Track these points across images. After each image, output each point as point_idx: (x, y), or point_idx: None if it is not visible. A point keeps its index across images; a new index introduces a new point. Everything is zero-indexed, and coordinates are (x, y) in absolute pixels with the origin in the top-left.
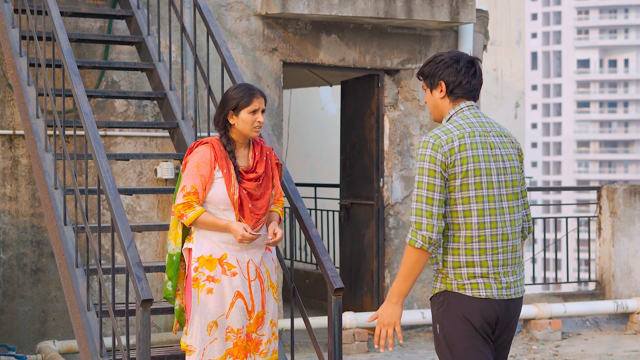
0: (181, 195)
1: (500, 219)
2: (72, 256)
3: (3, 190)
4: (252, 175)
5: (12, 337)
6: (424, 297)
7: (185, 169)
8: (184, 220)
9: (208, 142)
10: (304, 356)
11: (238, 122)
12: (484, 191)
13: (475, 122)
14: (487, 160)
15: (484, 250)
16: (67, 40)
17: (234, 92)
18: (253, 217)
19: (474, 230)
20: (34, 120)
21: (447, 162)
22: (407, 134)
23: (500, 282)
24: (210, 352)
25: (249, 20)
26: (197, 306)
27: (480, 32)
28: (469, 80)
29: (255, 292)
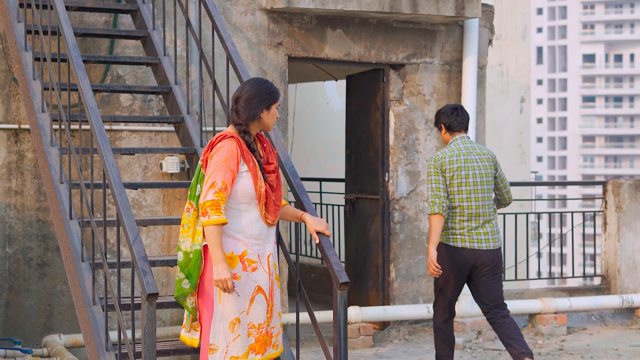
0: (212, 192)
1: (474, 204)
2: (78, 250)
3: (9, 185)
4: (270, 168)
5: (18, 331)
6: (429, 291)
7: (212, 163)
8: (205, 219)
9: (233, 136)
10: (309, 350)
11: (268, 117)
12: (463, 187)
13: (462, 147)
14: (467, 169)
15: (462, 221)
16: (72, 35)
17: (265, 87)
18: (275, 210)
19: (464, 210)
20: (40, 114)
21: (442, 170)
22: (412, 129)
23: (472, 239)
24: (233, 349)
25: (254, 14)
26: (219, 304)
27: (486, 27)
28: (455, 119)
29: (272, 285)
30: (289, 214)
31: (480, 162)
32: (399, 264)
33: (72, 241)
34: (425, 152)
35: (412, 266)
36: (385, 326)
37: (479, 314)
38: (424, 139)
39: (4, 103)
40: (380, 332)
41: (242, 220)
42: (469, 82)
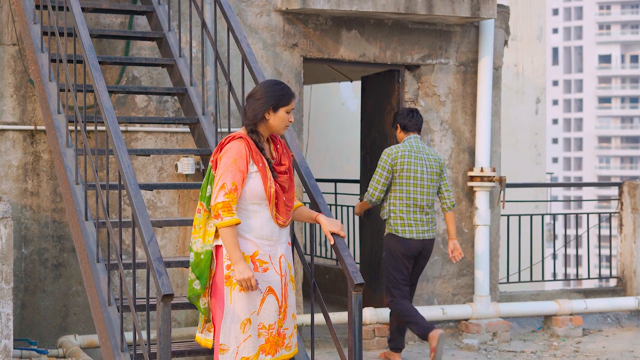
0: (222, 193)
1: (419, 197)
2: (93, 251)
3: (25, 186)
4: (282, 168)
5: (33, 331)
6: (444, 293)
7: (221, 165)
8: (218, 221)
9: (241, 137)
10: (324, 351)
11: (274, 119)
12: (410, 181)
13: (414, 146)
14: (416, 165)
15: (408, 212)
16: (88, 36)
17: (274, 88)
18: (286, 210)
19: (404, 201)
20: (56, 115)
21: (393, 163)
22: (427, 130)
23: (419, 230)
24: (244, 349)
25: (269, 15)
26: (229, 304)
27: (501, 28)
28: (410, 121)
29: (285, 286)
30: (303, 215)
31: (427, 161)
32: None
33: (87, 242)
34: (441, 153)
35: (427, 267)
36: None
37: (494, 316)
38: (439, 140)
39: (20, 104)
40: None
41: (252, 220)
42: (484, 83)
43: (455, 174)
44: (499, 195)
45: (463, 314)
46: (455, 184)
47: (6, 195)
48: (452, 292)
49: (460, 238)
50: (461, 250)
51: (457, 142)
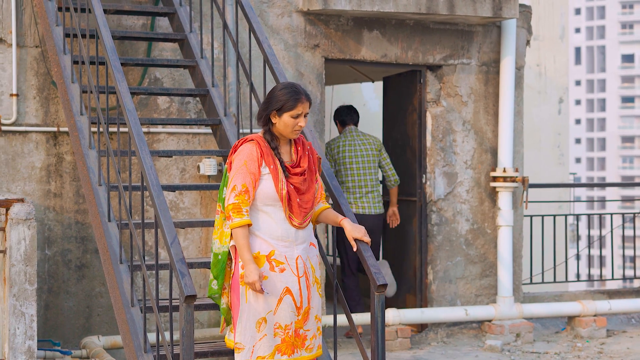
0: (233, 195)
1: (357, 178)
2: (116, 252)
3: (48, 187)
4: (297, 170)
5: (57, 332)
6: (467, 294)
7: (233, 167)
8: (229, 222)
9: (253, 140)
10: (346, 352)
11: (279, 123)
12: (349, 165)
13: (349, 136)
14: (354, 151)
15: (354, 192)
16: (110, 38)
17: (280, 93)
18: (301, 212)
19: (349, 183)
20: (78, 117)
21: (332, 154)
22: (449, 130)
23: (358, 206)
24: (259, 348)
25: (290, 16)
26: (245, 303)
27: (524, 28)
28: (347, 116)
29: (303, 288)
30: (329, 218)
31: (363, 146)
32: (437, 266)
33: (110, 243)
34: (463, 153)
35: (449, 268)
36: (423, 328)
37: (517, 317)
38: (461, 141)
39: (43, 106)
40: (418, 334)
41: (266, 221)
42: (506, 83)
43: (478, 174)
44: (522, 195)
45: (486, 315)
46: (478, 184)
47: (29, 197)
48: (474, 293)
49: (483, 239)
50: (399, 218)
51: (479, 142)
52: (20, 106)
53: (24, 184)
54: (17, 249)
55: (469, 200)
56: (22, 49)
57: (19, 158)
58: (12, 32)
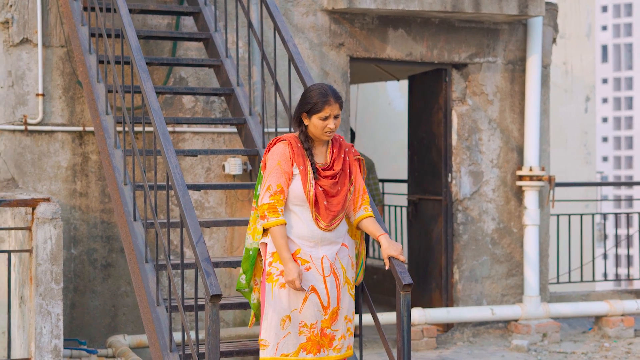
0: (267, 195)
1: None
2: (142, 251)
3: (73, 187)
4: (328, 173)
5: (83, 331)
6: (493, 293)
7: (267, 167)
8: (263, 222)
9: (285, 139)
10: (372, 352)
11: (310, 125)
12: None
13: None
14: None
15: None
16: (135, 37)
17: (309, 95)
18: (328, 214)
19: None
20: (104, 116)
21: None
22: (475, 129)
23: None
24: (283, 346)
25: (315, 15)
26: (270, 300)
27: (550, 25)
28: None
29: (331, 287)
30: (368, 229)
31: None
32: (463, 266)
33: (136, 242)
34: (489, 152)
35: (475, 267)
36: (448, 328)
37: (544, 316)
38: (487, 139)
39: (68, 106)
40: (444, 334)
41: (293, 220)
42: (532, 81)
43: (504, 173)
44: (549, 194)
45: (512, 315)
46: (504, 183)
47: (55, 196)
48: (501, 293)
49: (509, 238)
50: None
51: (505, 141)
52: (46, 106)
53: (50, 183)
54: (44, 248)
55: (495, 199)
56: (48, 48)
57: (45, 157)
58: (38, 32)
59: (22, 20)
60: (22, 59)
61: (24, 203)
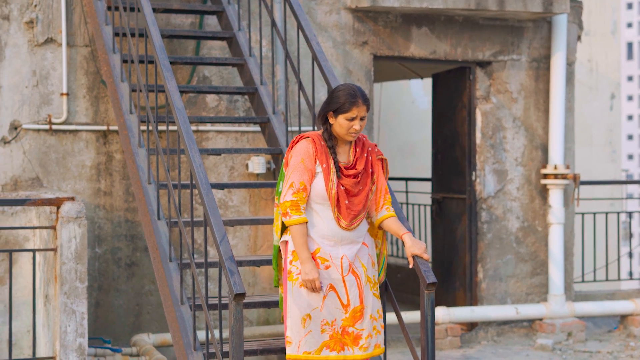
0: (290, 192)
1: None
2: (166, 250)
3: (98, 186)
4: (351, 172)
5: (107, 330)
6: (517, 292)
7: (290, 164)
8: (286, 219)
9: (309, 137)
10: (396, 351)
11: (335, 124)
12: None
13: None
14: None
15: None
16: (159, 37)
17: (338, 94)
18: (349, 214)
19: None
20: (128, 116)
21: None
22: (499, 127)
23: None
24: (305, 344)
25: (339, 13)
26: (291, 299)
27: (574, 23)
28: None
29: (351, 286)
30: (392, 228)
31: None
32: (487, 264)
33: (160, 241)
34: (513, 150)
35: (500, 266)
36: (472, 327)
37: (569, 315)
38: (511, 137)
39: (92, 105)
40: (468, 333)
41: (314, 218)
42: (557, 79)
43: (528, 171)
44: (573, 193)
45: (537, 314)
46: (529, 181)
47: (80, 195)
48: (525, 292)
49: (534, 236)
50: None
51: (529, 139)
52: (71, 105)
53: (74, 182)
54: (68, 247)
55: (520, 198)
56: (72, 48)
57: (69, 157)
58: (62, 31)
59: (46, 20)
60: (47, 59)
61: (48, 202)
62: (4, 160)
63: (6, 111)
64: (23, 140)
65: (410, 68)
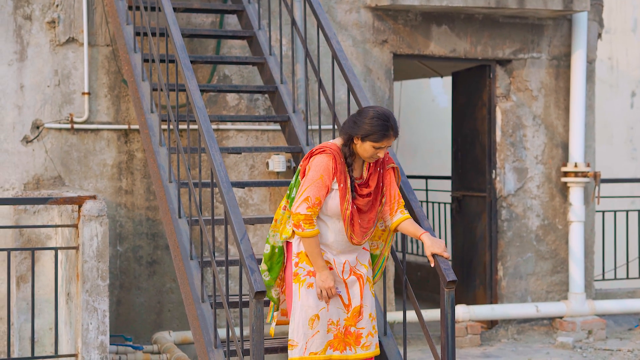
0: (305, 206)
1: None
2: (187, 248)
3: (119, 184)
4: (365, 191)
5: (129, 327)
6: (537, 290)
7: (308, 176)
8: (298, 231)
9: (330, 153)
10: (416, 349)
11: (359, 147)
12: None
13: None
14: None
15: None
16: (180, 36)
17: (370, 122)
18: (362, 232)
19: None
20: (149, 115)
21: None
22: (519, 125)
23: None
24: (312, 345)
25: (358, 12)
26: (298, 301)
27: (595, 20)
28: None
29: (352, 286)
30: (409, 230)
31: None
32: (507, 262)
33: (181, 240)
34: (533, 148)
35: (520, 264)
36: (493, 325)
37: (589, 313)
38: (531, 136)
39: (114, 104)
40: (488, 331)
41: (321, 228)
42: (577, 77)
43: (549, 169)
44: (594, 191)
45: (557, 312)
46: (549, 179)
47: (101, 194)
48: (546, 290)
49: (554, 234)
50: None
51: (550, 137)
52: (92, 104)
53: (95, 181)
54: (90, 246)
55: (540, 196)
56: (94, 47)
57: (90, 155)
58: (84, 31)
59: (68, 20)
60: (68, 58)
61: (70, 201)
62: (26, 159)
63: (28, 110)
64: (45, 139)
65: (430, 66)
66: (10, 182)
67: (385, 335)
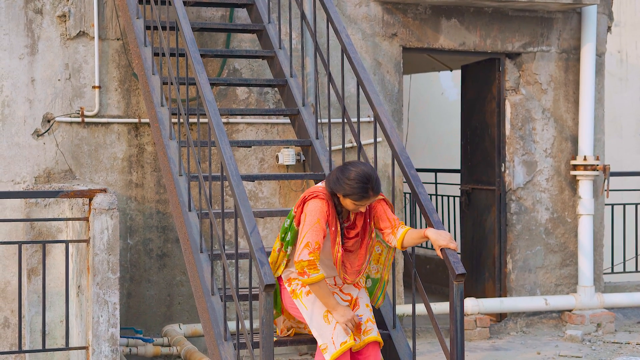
0: (306, 252)
1: None
2: (197, 241)
3: (129, 178)
4: (352, 233)
5: (139, 320)
6: (546, 283)
7: (306, 222)
8: (304, 279)
9: (323, 198)
10: (425, 342)
11: (342, 200)
12: None
13: None
14: None
15: None
16: (190, 30)
17: (350, 183)
18: (353, 272)
19: None
20: (159, 108)
21: None
22: (529, 118)
23: None
24: (337, 337)
25: (368, 6)
26: (307, 310)
27: (604, 14)
28: None
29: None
30: (414, 237)
31: None
32: (516, 255)
33: (191, 233)
34: (542, 142)
35: (529, 257)
36: (501, 318)
37: (598, 306)
38: (540, 129)
39: (124, 98)
40: (497, 324)
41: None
42: (587, 70)
43: (558, 162)
44: (603, 184)
45: (566, 305)
46: (558, 172)
47: (112, 187)
48: (555, 283)
49: (563, 228)
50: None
51: (559, 130)
52: (103, 98)
53: (106, 174)
54: (100, 239)
55: (549, 189)
56: (104, 41)
57: (101, 149)
58: (95, 25)
59: (78, 14)
60: (79, 52)
61: (81, 194)
62: (37, 152)
63: (39, 104)
64: (56, 132)
65: (439, 60)
66: (22, 175)
67: (395, 328)
